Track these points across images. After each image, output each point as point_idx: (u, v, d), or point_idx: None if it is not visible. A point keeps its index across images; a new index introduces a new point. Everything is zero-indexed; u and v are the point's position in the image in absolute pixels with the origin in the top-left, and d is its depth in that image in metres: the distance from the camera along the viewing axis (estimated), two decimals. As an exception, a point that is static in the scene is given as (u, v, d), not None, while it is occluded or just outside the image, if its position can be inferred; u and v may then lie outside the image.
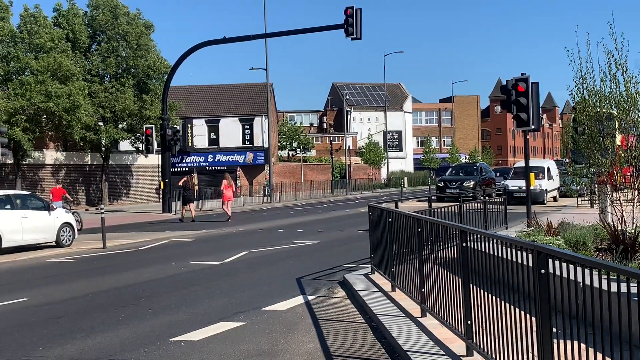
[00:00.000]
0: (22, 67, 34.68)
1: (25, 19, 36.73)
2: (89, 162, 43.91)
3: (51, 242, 19.71)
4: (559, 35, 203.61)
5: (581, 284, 4.05)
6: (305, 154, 73.42)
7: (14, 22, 36.69)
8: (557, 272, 4.34)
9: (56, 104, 33.34)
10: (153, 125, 37.00)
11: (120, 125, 41.57)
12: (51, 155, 41.03)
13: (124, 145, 45.71)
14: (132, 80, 40.95)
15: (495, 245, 5.45)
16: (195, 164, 56.70)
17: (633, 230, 9.34)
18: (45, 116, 34.72)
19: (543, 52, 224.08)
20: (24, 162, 37.10)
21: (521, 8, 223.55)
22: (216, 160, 57.46)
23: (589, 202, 23.97)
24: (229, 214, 29.25)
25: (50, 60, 34.14)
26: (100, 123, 40.12)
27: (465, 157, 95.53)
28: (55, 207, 26.61)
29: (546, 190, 31.07)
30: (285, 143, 75.18)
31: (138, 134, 41.54)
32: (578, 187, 19.64)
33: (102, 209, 21.08)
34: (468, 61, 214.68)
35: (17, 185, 35.44)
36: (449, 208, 13.99)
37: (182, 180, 30.35)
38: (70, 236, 20.18)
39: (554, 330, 4.49)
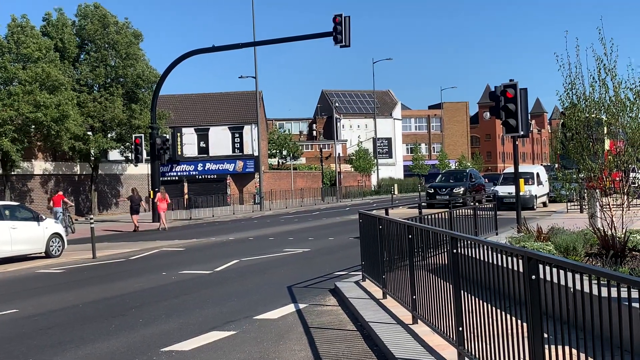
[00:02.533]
0: (10, 77, 34.49)
1: (13, 29, 36.55)
2: (78, 172, 43.71)
3: (40, 253, 19.59)
4: (547, 42, 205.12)
5: (572, 289, 4.07)
6: (295, 162, 73.42)
7: (1, 32, 36.61)
8: (548, 278, 4.35)
9: (45, 114, 33.18)
10: (142, 135, 36.87)
11: (109, 135, 41.40)
12: (40, 166, 40.81)
13: (113, 154, 45.54)
14: (121, 90, 40.85)
15: (485, 251, 5.45)
16: (185, 173, 56.63)
17: (623, 235, 9.38)
18: (33, 126, 34.57)
19: (531, 58, 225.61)
20: (12, 173, 36.85)
21: (509, 15, 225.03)
22: (206, 168, 57.36)
23: (579, 207, 24.08)
24: (163, 224, 30.98)
25: (39, 70, 34.00)
26: (89, 133, 39.96)
27: (455, 164, 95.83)
28: (56, 212, 28.24)
29: (536, 195, 31.19)
30: (275, 151, 75.18)
31: (127, 144, 41.43)
32: (567, 193, 19.72)
33: (91, 218, 20.96)
34: (457, 68, 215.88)
35: (5, 196, 35.21)
36: (439, 214, 13.99)
37: (129, 195, 33.17)
38: (59, 247, 20.06)
39: (545, 335, 4.50)
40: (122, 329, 9.27)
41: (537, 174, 32.33)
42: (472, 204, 21.20)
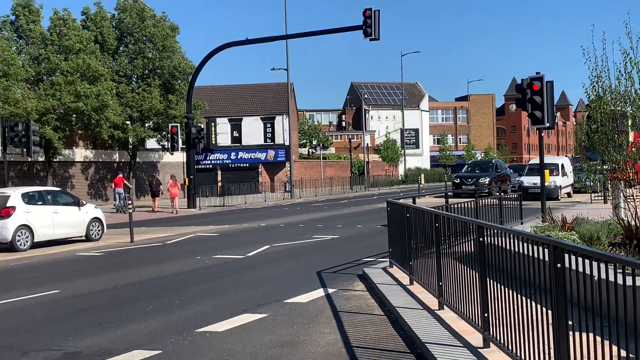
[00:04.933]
0: (53, 68, 35.39)
1: (55, 21, 37.47)
2: (117, 160, 44.58)
3: (81, 237, 20.13)
4: (573, 35, 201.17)
5: (596, 278, 4.13)
6: (324, 152, 73.56)
7: (44, 25, 37.52)
8: (573, 267, 4.42)
9: (85, 104, 34.02)
10: (178, 124, 37.62)
11: (146, 124, 42.24)
12: (81, 153, 41.80)
13: (151, 143, 46.35)
14: (158, 81, 41.56)
15: (511, 240, 5.54)
16: (218, 162, 57.24)
17: (646, 225, 9.39)
18: (75, 115, 35.43)
19: (557, 51, 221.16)
20: (54, 160, 37.88)
21: (535, 8, 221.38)
22: (239, 157, 57.92)
23: (603, 198, 23.89)
24: (176, 207, 33.30)
25: (80, 61, 34.79)
26: (128, 122, 40.78)
27: (481, 154, 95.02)
28: (119, 193, 32.46)
29: (560, 186, 31.01)
30: (305, 141, 75.41)
31: (164, 133, 42.21)
32: (592, 184, 19.63)
33: (130, 204, 21.43)
34: (483, 60, 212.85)
35: (48, 181, 36.18)
36: (465, 204, 14.02)
37: (149, 181, 36.45)
38: (99, 231, 20.60)
39: (570, 322, 4.55)
40: (159, 310, 9.55)
41: (562, 165, 32.17)
42: (497, 193, 21.21)
